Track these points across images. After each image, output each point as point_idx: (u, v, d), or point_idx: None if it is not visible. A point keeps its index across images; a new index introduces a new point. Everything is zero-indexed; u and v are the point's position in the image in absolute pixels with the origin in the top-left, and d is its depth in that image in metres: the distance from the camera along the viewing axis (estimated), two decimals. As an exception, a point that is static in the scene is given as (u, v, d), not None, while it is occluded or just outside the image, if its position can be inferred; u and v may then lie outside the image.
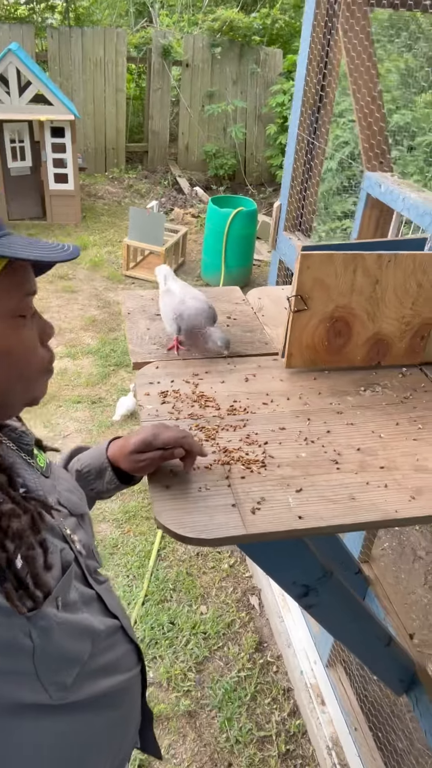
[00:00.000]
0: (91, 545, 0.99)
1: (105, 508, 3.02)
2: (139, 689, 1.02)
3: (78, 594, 0.85)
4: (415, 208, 1.42)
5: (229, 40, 7.91)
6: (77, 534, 0.93)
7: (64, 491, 0.96)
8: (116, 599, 1.01)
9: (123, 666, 0.94)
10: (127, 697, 0.95)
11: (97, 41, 7.56)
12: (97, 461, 1.11)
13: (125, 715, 0.96)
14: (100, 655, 0.88)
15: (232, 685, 2.26)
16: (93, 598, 0.91)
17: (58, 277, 5.37)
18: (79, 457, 1.15)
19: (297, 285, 1.26)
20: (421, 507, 1.02)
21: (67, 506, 0.94)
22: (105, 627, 0.89)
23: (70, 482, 1.02)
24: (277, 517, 0.98)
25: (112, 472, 1.11)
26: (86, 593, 0.88)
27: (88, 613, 0.87)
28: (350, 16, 1.69)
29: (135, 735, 1.04)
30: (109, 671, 0.90)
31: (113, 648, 0.92)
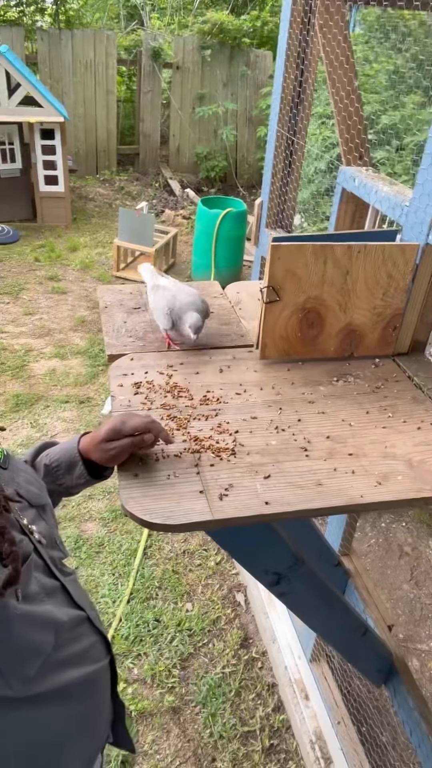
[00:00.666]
0: (54, 536, 0.99)
1: (91, 507, 3.02)
2: (109, 681, 1.02)
3: (39, 585, 0.85)
4: (386, 200, 1.43)
5: (219, 42, 7.94)
6: (37, 525, 0.93)
7: (23, 482, 0.96)
8: (82, 591, 1.01)
9: (90, 657, 0.94)
10: (95, 689, 0.95)
11: (87, 44, 7.58)
12: (66, 455, 1.10)
13: (94, 707, 0.96)
14: (65, 647, 0.88)
15: (216, 681, 2.26)
16: (57, 589, 0.91)
17: (47, 278, 5.38)
18: (48, 452, 1.13)
19: (268, 276, 1.27)
20: (386, 492, 1.03)
21: (26, 497, 0.94)
22: (69, 618, 0.88)
23: (30, 474, 1.02)
24: (244, 503, 0.99)
25: (82, 466, 1.09)
26: (49, 584, 0.88)
27: (51, 605, 0.86)
28: (326, 12, 1.70)
29: (106, 728, 1.04)
30: (74, 662, 0.90)
31: (79, 639, 0.92)
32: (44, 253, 5.87)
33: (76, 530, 2.87)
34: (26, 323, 4.63)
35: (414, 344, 1.44)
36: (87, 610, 0.96)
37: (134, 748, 1.22)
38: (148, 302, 1.46)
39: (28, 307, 4.87)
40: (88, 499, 3.06)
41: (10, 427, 3.48)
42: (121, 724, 1.09)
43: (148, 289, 1.49)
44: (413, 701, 1.50)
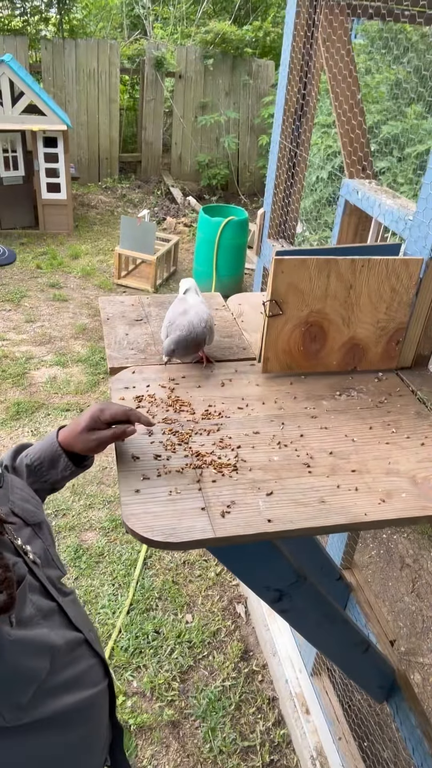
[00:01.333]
0: (50, 554, 0.96)
1: (92, 516, 3.01)
2: (107, 705, 1.00)
3: (35, 608, 0.83)
4: (390, 213, 1.43)
5: (221, 52, 7.98)
6: (33, 544, 0.91)
7: (18, 500, 0.94)
8: (81, 612, 0.99)
9: (87, 681, 0.91)
10: (93, 714, 0.92)
11: (90, 53, 7.62)
12: (48, 451, 1.09)
13: (91, 733, 0.93)
14: (61, 671, 0.85)
15: (216, 695, 2.24)
16: (54, 611, 0.88)
17: (49, 286, 5.38)
18: (27, 452, 1.12)
19: (271, 289, 1.26)
20: (390, 510, 1.02)
21: (21, 516, 0.92)
22: (65, 641, 0.86)
23: (25, 491, 1.00)
24: (247, 520, 0.98)
25: (66, 458, 1.09)
26: (45, 606, 0.86)
27: (48, 627, 0.84)
28: (329, 26, 1.71)
29: (104, 752, 1.01)
30: (71, 687, 0.87)
31: (76, 663, 0.90)
32: (46, 260, 5.88)
33: (76, 540, 2.85)
34: (27, 330, 4.63)
35: (417, 358, 1.44)
36: (85, 632, 0.93)
37: None
38: None
39: (29, 314, 4.87)
40: (88, 508, 3.05)
41: (11, 435, 3.46)
42: (118, 748, 1.07)
43: (174, 301, 1.48)
44: (416, 719, 1.48)
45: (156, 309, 1.64)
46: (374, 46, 6.34)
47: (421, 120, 5.85)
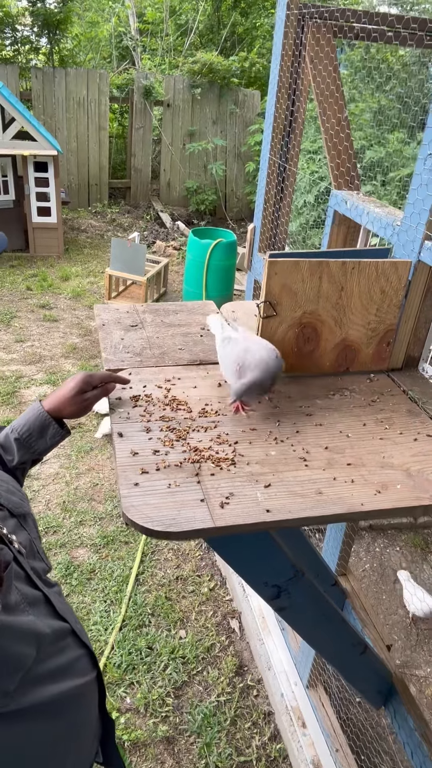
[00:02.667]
0: (36, 546, 0.97)
1: (82, 533, 2.98)
2: (96, 696, 0.99)
3: (21, 595, 0.83)
4: (378, 220, 1.47)
5: (208, 81, 8.20)
6: (18, 535, 0.92)
7: (4, 492, 0.95)
8: (67, 604, 1.00)
9: (75, 671, 0.91)
10: (81, 704, 0.92)
11: (80, 81, 7.80)
12: (36, 421, 1.16)
13: (80, 723, 0.92)
14: (48, 660, 0.85)
15: (211, 710, 2.21)
16: (40, 600, 0.88)
17: (39, 307, 5.40)
18: (12, 427, 1.17)
19: (265, 291, 1.29)
20: (386, 500, 1.04)
21: (7, 506, 0.93)
22: (51, 630, 0.86)
23: (11, 483, 1.01)
24: (246, 510, 0.99)
25: (56, 424, 1.17)
26: (31, 594, 0.86)
27: (34, 615, 0.84)
28: (316, 45, 1.78)
29: (93, 745, 1.00)
30: (58, 677, 0.87)
31: (63, 652, 0.90)
32: (36, 282, 5.91)
33: (67, 557, 2.82)
34: (17, 350, 4.63)
35: (407, 359, 1.47)
36: (72, 623, 0.93)
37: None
38: (218, 356, 1.32)
39: (19, 334, 4.87)
40: (78, 525, 3.02)
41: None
42: (110, 742, 1.06)
43: (217, 342, 1.35)
44: (414, 722, 1.47)
45: (151, 316, 1.66)
46: (357, 76, 6.55)
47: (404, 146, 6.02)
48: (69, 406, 1.16)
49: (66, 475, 3.35)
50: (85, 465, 3.45)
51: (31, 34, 8.40)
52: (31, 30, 8.37)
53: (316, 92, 1.76)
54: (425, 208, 1.28)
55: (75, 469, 3.40)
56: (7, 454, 1.14)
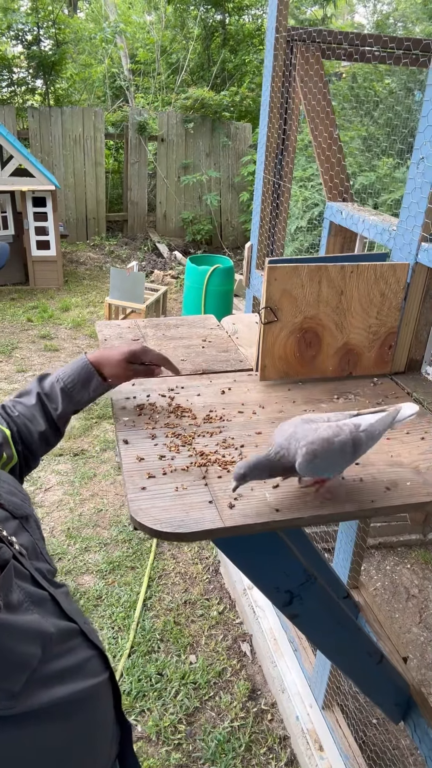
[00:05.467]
0: (39, 548, 0.96)
1: (88, 559, 2.94)
2: (110, 699, 0.96)
3: (24, 594, 0.82)
4: (374, 227, 1.49)
5: (201, 116, 8.41)
6: (19, 537, 0.91)
7: (5, 493, 0.94)
8: (75, 605, 0.98)
9: (85, 672, 0.88)
10: (93, 706, 0.89)
11: (76, 119, 8.00)
12: (81, 373, 1.17)
13: (94, 726, 0.89)
14: (55, 660, 0.83)
15: (225, 736, 2.14)
16: (45, 599, 0.87)
17: (40, 337, 5.44)
18: (57, 376, 1.18)
19: (266, 296, 1.30)
20: (396, 497, 1.03)
21: (7, 508, 0.92)
22: (57, 630, 0.84)
23: (12, 484, 1.00)
24: (255, 510, 0.98)
25: (99, 377, 1.18)
26: (35, 593, 0.85)
27: (39, 614, 0.82)
28: (306, 63, 1.83)
29: (113, 749, 0.97)
30: (66, 678, 0.84)
31: (71, 653, 0.87)
32: (37, 313, 5.96)
33: (73, 583, 2.78)
34: (19, 380, 4.64)
35: (410, 363, 1.47)
36: (80, 624, 0.91)
37: None
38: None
39: (20, 364, 4.89)
40: (83, 551, 2.98)
41: (4, 482, 3.42)
42: (128, 747, 1.02)
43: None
44: (435, 735, 1.42)
45: (152, 330, 1.67)
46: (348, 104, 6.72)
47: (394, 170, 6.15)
48: (112, 368, 1.18)
49: (70, 502, 3.32)
50: (89, 491, 3.42)
51: (26, 75, 8.66)
52: (26, 72, 8.63)
53: (307, 109, 1.80)
54: (420, 210, 1.30)
55: (79, 496, 3.37)
56: (51, 403, 1.16)
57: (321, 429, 0.96)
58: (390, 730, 2.15)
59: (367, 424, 0.99)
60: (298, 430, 0.97)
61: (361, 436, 0.98)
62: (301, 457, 0.94)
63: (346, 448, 0.96)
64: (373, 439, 1.00)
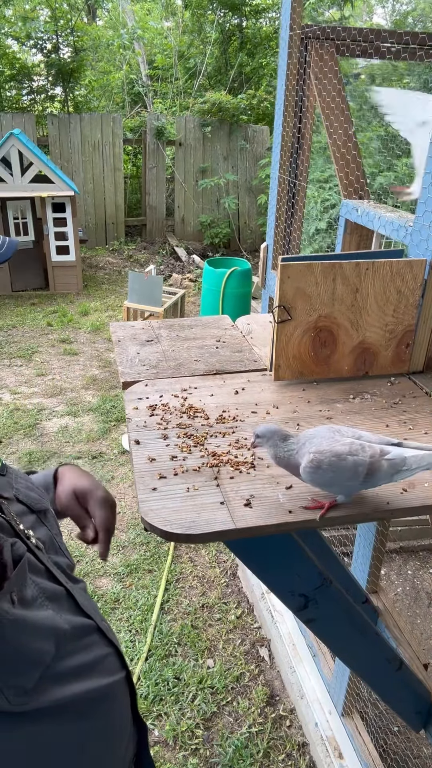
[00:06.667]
0: (57, 542, 0.95)
1: (106, 562, 2.94)
2: (127, 698, 0.95)
3: (39, 589, 0.81)
4: (390, 224, 1.47)
5: (218, 120, 8.42)
6: (37, 531, 0.90)
7: (23, 489, 0.94)
8: (92, 601, 0.97)
9: (101, 670, 0.87)
10: (109, 705, 0.88)
11: (94, 126, 8.07)
12: (47, 477, 1.11)
13: (111, 725, 0.88)
14: (70, 657, 0.82)
15: (243, 742, 2.11)
16: (61, 595, 0.86)
17: (59, 341, 5.48)
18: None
19: (279, 295, 1.29)
20: (413, 498, 1.00)
21: (26, 502, 0.92)
22: (71, 626, 0.83)
23: (30, 482, 1.00)
24: (267, 511, 0.96)
25: (53, 491, 1.09)
26: (50, 588, 0.84)
27: (53, 610, 0.81)
28: (320, 61, 1.81)
29: (129, 749, 0.95)
30: (82, 675, 0.83)
31: (87, 650, 0.86)
32: (56, 318, 6.01)
33: (91, 586, 2.78)
34: (39, 384, 4.68)
35: (429, 361, 1.44)
36: (97, 621, 0.90)
37: None
38: None
39: (40, 368, 4.93)
40: (102, 554, 2.98)
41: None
42: (143, 747, 1.01)
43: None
44: (458, 745, 1.38)
45: (166, 331, 1.66)
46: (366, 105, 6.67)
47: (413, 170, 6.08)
48: (62, 488, 1.07)
49: (88, 505, 3.32)
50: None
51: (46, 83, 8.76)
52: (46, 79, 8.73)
53: (322, 106, 1.78)
54: (437, 205, 1.27)
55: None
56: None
57: (340, 442, 0.92)
58: (412, 739, 2.10)
59: (397, 454, 0.92)
60: (319, 435, 0.94)
61: (382, 465, 0.91)
62: (305, 462, 0.91)
63: (358, 470, 0.90)
64: (400, 473, 0.92)
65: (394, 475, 0.92)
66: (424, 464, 0.92)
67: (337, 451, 0.91)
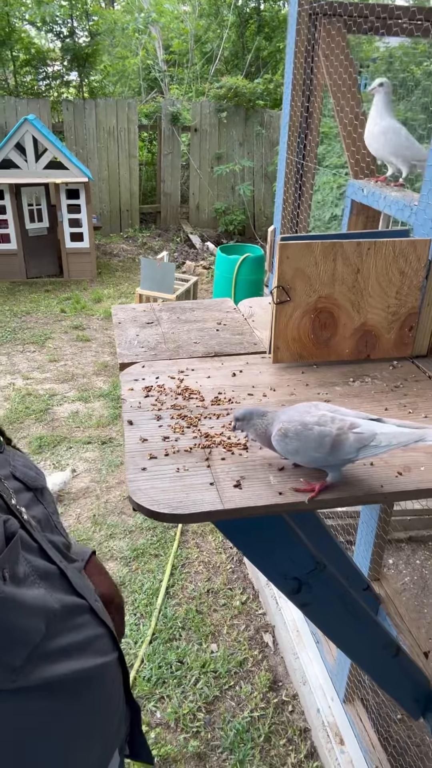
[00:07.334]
0: (53, 520, 0.95)
1: (113, 546, 2.95)
2: (120, 678, 0.95)
3: (30, 567, 0.80)
4: (395, 203, 1.43)
5: (234, 105, 8.33)
6: (33, 509, 0.90)
7: (20, 466, 0.94)
8: (86, 581, 0.96)
9: (93, 650, 0.87)
10: (101, 684, 0.88)
11: (110, 111, 8.03)
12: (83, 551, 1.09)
13: (102, 705, 0.88)
14: (60, 636, 0.82)
15: (244, 726, 2.12)
16: (54, 574, 0.85)
17: (72, 328, 5.50)
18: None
19: (278, 275, 1.26)
20: (408, 482, 0.98)
21: (23, 480, 0.92)
22: (62, 606, 0.82)
23: (27, 459, 1.00)
24: (257, 493, 0.95)
25: None
26: (42, 567, 0.83)
27: (45, 589, 0.81)
28: (330, 40, 1.77)
29: (121, 730, 0.95)
30: (72, 654, 0.83)
31: (79, 629, 0.86)
32: (70, 305, 6.03)
33: (98, 570, 2.79)
34: (51, 369, 4.70)
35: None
36: (90, 601, 0.90)
37: (152, 759, 1.12)
38: None
39: (53, 354, 4.95)
40: (109, 538, 3.00)
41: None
42: (136, 731, 1.01)
43: None
44: (455, 733, 1.37)
45: (167, 313, 1.65)
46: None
47: None
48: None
49: (96, 489, 3.34)
50: (115, 479, 3.44)
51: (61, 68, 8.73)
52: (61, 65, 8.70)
53: (330, 84, 1.74)
54: (442, 183, 1.23)
55: (105, 483, 3.39)
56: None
57: (311, 413, 0.92)
58: (413, 727, 2.09)
59: (367, 429, 0.90)
60: (294, 409, 0.94)
61: (348, 438, 0.89)
62: (275, 431, 0.92)
63: (324, 440, 0.90)
64: (366, 448, 0.89)
65: (360, 449, 0.90)
66: (394, 442, 0.89)
67: (305, 421, 0.91)
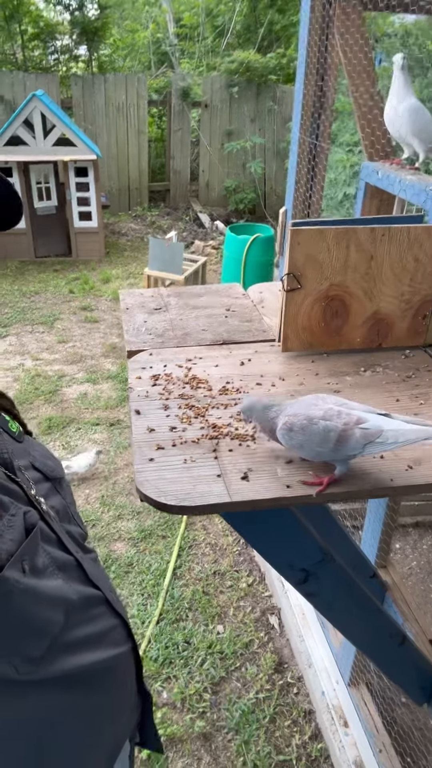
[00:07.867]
0: (71, 511, 0.95)
1: (121, 527, 2.98)
2: (133, 669, 0.96)
3: (49, 558, 0.80)
4: (411, 187, 1.39)
5: (246, 80, 8.16)
6: (51, 499, 0.90)
7: (39, 456, 0.93)
8: (102, 572, 0.96)
9: (109, 641, 0.87)
10: (116, 676, 0.89)
11: (119, 87, 7.90)
12: None
13: (116, 695, 0.89)
14: (78, 627, 0.82)
15: (249, 707, 2.15)
16: (71, 565, 0.85)
17: (81, 309, 5.48)
18: None
19: (289, 262, 1.24)
20: (418, 476, 0.96)
21: (42, 470, 0.91)
22: (79, 596, 0.83)
23: (46, 450, 0.99)
24: (264, 485, 0.94)
25: None
26: (60, 558, 0.83)
27: (63, 580, 0.81)
28: (346, 18, 1.71)
29: (130, 721, 0.97)
30: (90, 646, 0.84)
31: (95, 621, 0.86)
32: (78, 285, 6.00)
33: (106, 550, 2.82)
34: (60, 350, 4.70)
35: (445, 334, 1.38)
36: (105, 592, 0.90)
37: (162, 748, 1.14)
38: None
39: (62, 335, 4.95)
40: (117, 519, 3.02)
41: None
42: (147, 718, 1.02)
43: None
44: (460, 721, 1.37)
45: (175, 299, 1.63)
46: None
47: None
48: None
49: (105, 470, 3.36)
50: (124, 460, 3.45)
51: (70, 42, 8.58)
52: (70, 38, 8.54)
53: (345, 64, 1.69)
54: (459, 167, 1.19)
55: (114, 464, 3.41)
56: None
57: (318, 407, 0.91)
58: (417, 711, 2.11)
59: (374, 425, 0.88)
60: (301, 401, 0.93)
61: (354, 433, 0.88)
62: (280, 424, 0.92)
63: (329, 435, 0.89)
64: (372, 444, 0.88)
65: (366, 445, 0.88)
66: (402, 440, 0.88)
67: (310, 415, 0.90)
